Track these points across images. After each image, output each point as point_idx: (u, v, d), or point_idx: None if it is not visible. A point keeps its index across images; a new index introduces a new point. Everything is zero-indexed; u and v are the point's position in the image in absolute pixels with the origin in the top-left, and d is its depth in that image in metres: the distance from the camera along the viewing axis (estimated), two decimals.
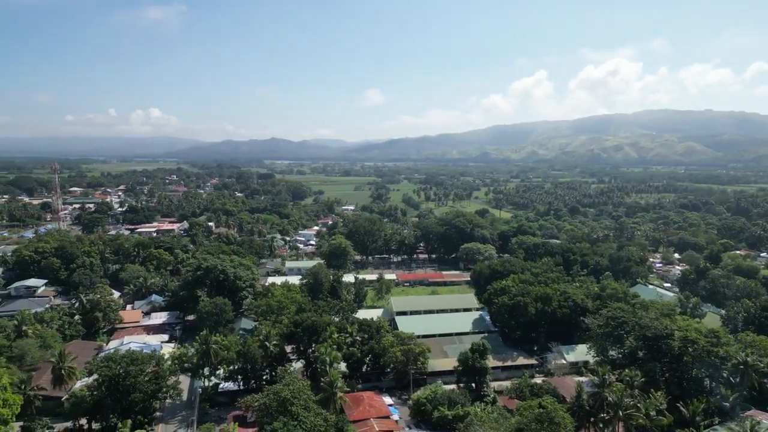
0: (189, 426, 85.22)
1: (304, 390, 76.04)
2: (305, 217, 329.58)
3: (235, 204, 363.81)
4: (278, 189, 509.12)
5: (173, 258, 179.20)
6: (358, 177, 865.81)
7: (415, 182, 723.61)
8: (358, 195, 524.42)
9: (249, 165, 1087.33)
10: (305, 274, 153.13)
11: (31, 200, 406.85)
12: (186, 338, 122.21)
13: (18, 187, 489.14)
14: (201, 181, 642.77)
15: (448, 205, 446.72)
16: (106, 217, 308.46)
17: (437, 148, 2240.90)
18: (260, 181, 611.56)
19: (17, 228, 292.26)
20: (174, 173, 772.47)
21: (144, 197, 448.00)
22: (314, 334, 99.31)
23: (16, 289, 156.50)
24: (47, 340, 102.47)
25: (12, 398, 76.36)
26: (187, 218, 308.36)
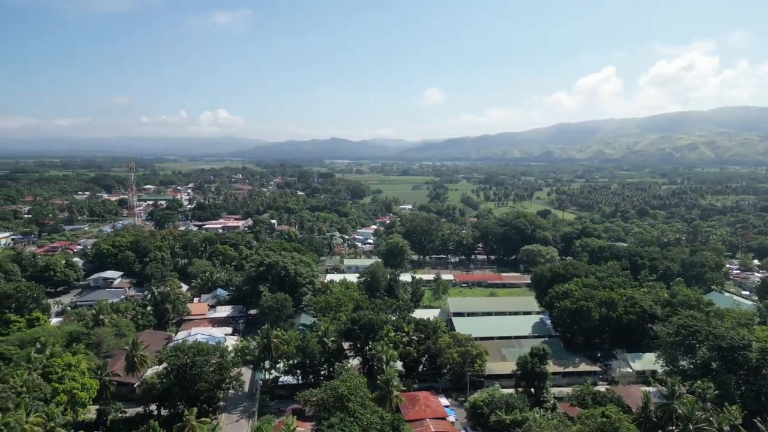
0: (250, 417, 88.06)
1: (361, 387, 76.77)
2: (363, 216, 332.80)
3: (297, 202, 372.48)
4: (338, 188, 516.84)
5: (237, 254, 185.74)
6: (416, 176, 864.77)
7: (474, 182, 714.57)
8: (416, 194, 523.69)
9: (310, 164, 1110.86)
10: (363, 273, 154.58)
11: (110, 197, 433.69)
12: (248, 331, 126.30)
13: (98, 184, 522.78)
14: (264, 180, 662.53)
15: (508, 206, 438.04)
16: (176, 213, 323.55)
17: (498, 147, 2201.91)
18: (320, 180, 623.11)
19: (97, 223, 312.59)
20: (239, 172, 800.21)
21: (211, 195, 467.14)
22: (371, 332, 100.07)
23: (95, 280, 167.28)
24: (122, 329, 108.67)
25: (89, 383, 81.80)
26: (251, 215, 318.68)
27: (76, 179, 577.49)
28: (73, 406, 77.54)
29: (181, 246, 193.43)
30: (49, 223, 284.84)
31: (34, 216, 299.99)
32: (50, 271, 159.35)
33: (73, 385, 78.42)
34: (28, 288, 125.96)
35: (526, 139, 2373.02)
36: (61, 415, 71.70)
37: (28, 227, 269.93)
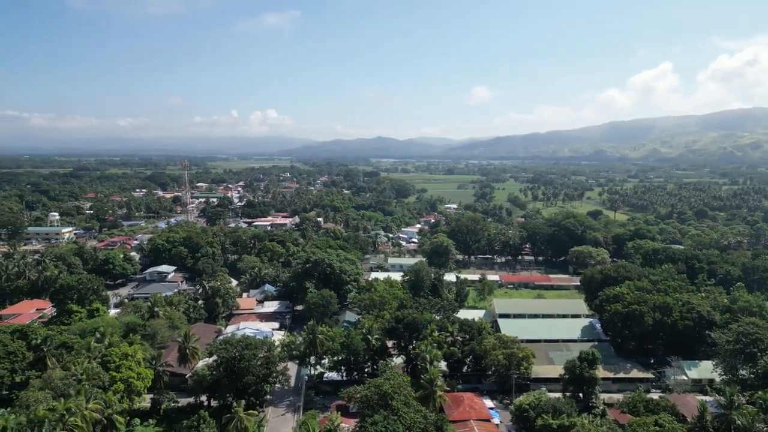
0: (296, 411, 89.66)
1: (405, 386, 76.81)
2: (408, 215, 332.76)
3: (342, 201, 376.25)
4: (383, 187, 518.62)
5: (285, 250, 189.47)
6: (462, 175, 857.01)
7: (521, 181, 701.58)
8: (462, 193, 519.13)
9: (356, 163, 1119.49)
10: (407, 271, 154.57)
11: (165, 194, 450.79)
12: (294, 327, 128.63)
13: (154, 182, 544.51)
14: (311, 179, 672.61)
15: (557, 206, 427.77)
16: (227, 210, 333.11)
17: (547, 145, 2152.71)
18: (366, 179, 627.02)
19: (152, 219, 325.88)
20: (287, 171, 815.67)
21: (260, 193, 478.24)
22: (415, 331, 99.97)
23: (150, 273, 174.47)
24: (175, 322, 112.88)
25: (145, 372, 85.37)
26: (298, 213, 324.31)
27: (134, 177, 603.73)
28: (129, 394, 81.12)
29: (231, 242, 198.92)
30: (109, 218, 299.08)
31: (95, 212, 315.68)
32: (109, 265, 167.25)
33: (130, 374, 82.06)
34: (89, 280, 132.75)
35: (577, 137, 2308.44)
36: (118, 403, 75.20)
37: (90, 222, 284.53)
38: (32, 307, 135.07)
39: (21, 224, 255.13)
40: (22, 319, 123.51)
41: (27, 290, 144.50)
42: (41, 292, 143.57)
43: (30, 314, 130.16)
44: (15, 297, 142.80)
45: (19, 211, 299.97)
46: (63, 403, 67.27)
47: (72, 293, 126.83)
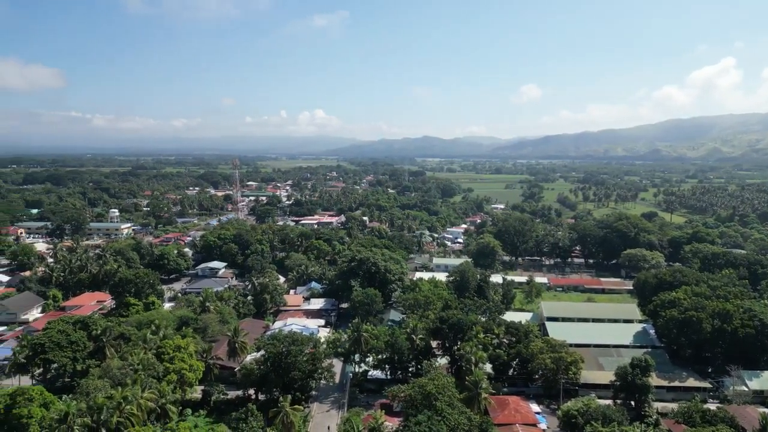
0: (340, 408, 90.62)
1: (449, 387, 76.35)
2: (453, 215, 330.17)
3: (388, 200, 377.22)
4: (428, 186, 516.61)
5: (331, 249, 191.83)
6: (510, 175, 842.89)
7: (571, 181, 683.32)
8: (509, 193, 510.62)
9: (401, 162, 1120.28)
10: (452, 272, 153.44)
11: (216, 192, 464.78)
12: (340, 324, 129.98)
13: (206, 180, 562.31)
14: (357, 178, 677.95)
15: (609, 207, 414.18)
16: (275, 209, 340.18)
17: (599, 144, 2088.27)
18: (411, 178, 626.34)
19: (205, 216, 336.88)
20: (334, 170, 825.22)
21: (307, 192, 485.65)
22: (460, 332, 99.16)
23: (202, 269, 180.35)
24: (225, 316, 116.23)
25: (196, 364, 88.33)
26: (344, 212, 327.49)
27: (187, 176, 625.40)
28: (181, 385, 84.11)
29: (279, 240, 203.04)
30: (164, 215, 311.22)
31: (152, 209, 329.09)
32: (164, 260, 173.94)
33: (182, 365, 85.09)
34: (145, 274, 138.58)
35: (631, 136, 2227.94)
36: (171, 393, 78.14)
37: (147, 219, 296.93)
38: (93, 299, 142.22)
39: (84, 220, 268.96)
40: (84, 310, 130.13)
41: (88, 283, 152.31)
42: (101, 285, 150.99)
43: (91, 306, 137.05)
44: (77, 289, 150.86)
45: (82, 208, 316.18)
46: (120, 392, 70.46)
47: (130, 287, 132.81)
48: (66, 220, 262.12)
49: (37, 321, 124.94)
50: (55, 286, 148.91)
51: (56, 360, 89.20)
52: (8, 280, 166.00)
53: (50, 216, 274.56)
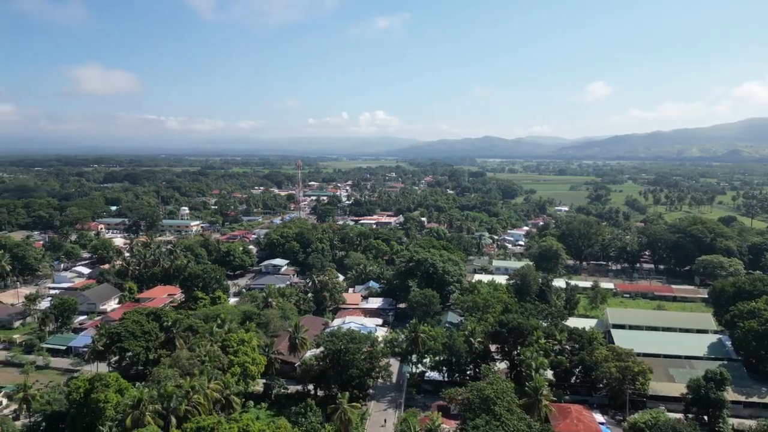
0: (397, 408, 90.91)
1: (508, 392, 74.89)
2: (515, 216, 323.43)
3: (447, 201, 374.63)
4: (488, 187, 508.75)
5: (389, 249, 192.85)
6: (575, 176, 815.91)
7: (641, 183, 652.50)
8: (574, 195, 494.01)
9: (461, 163, 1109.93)
10: (512, 275, 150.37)
11: (280, 192, 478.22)
12: (397, 324, 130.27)
13: (271, 180, 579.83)
14: (416, 178, 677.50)
15: (683, 210, 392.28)
16: (335, 208, 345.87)
17: (671, 145, 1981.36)
18: (471, 179, 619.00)
19: (269, 215, 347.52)
20: (393, 170, 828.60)
21: (367, 192, 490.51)
22: (520, 337, 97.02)
23: (266, 266, 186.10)
24: (286, 312, 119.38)
25: (259, 358, 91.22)
26: (402, 212, 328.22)
27: (253, 176, 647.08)
28: (244, 377, 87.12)
29: (339, 239, 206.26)
30: (231, 214, 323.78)
31: (219, 207, 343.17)
32: (230, 257, 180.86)
33: (246, 359, 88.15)
34: (213, 270, 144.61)
35: (707, 136, 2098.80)
36: (235, 385, 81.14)
37: (214, 217, 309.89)
38: (165, 293, 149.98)
39: (157, 217, 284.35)
40: (156, 302, 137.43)
41: (160, 277, 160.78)
42: (172, 278, 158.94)
43: (162, 299, 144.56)
44: (151, 282, 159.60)
45: (155, 205, 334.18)
46: (188, 381, 73.90)
47: (198, 281, 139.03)
48: (141, 216, 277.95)
49: (114, 311, 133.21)
50: (130, 279, 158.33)
51: (131, 349, 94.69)
52: (89, 272, 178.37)
53: (127, 213, 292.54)
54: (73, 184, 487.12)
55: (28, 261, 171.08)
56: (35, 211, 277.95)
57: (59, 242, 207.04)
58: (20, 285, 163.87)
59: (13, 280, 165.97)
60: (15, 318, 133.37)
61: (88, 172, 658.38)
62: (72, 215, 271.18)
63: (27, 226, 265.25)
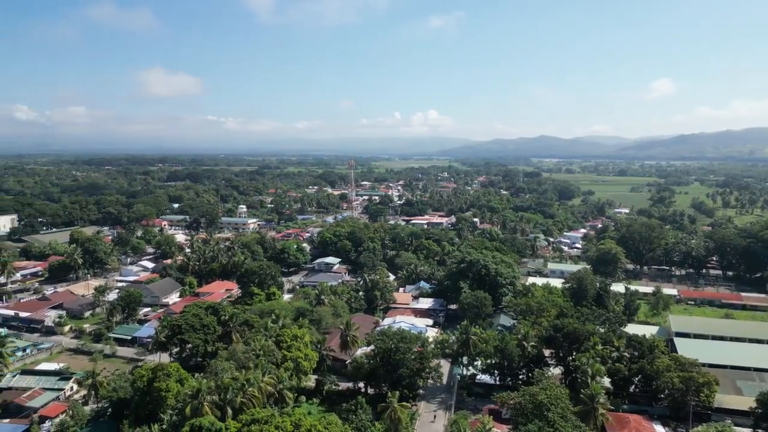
0: (447, 409, 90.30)
1: (562, 398, 72.92)
2: (571, 218, 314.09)
3: (500, 201, 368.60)
4: (544, 188, 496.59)
5: (440, 249, 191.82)
6: (636, 177, 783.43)
7: (709, 185, 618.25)
8: (635, 197, 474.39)
9: (516, 163, 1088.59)
10: (568, 278, 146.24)
11: (333, 191, 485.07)
12: (447, 325, 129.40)
13: (324, 180, 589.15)
14: (469, 179, 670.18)
15: (754, 214, 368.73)
16: (387, 208, 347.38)
17: (743, 144, 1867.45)
18: (526, 180, 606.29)
19: (322, 214, 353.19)
20: (445, 170, 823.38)
21: (418, 192, 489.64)
22: (575, 342, 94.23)
23: (318, 264, 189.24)
24: (338, 310, 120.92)
25: (311, 354, 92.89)
26: (454, 213, 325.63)
27: (307, 175, 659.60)
28: (297, 373, 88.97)
29: (391, 238, 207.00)
30: (286, 212, 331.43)
31: (275, 206, 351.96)
32: (285, 254, 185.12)
33: (298, 354, 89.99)
34: (268, 267, 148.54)
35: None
36: (288, 380, 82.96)
37: (270, 215, 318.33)
38: (222, 288, 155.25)
39: (216, 215, 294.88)
40: (214, 297, 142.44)
41: (219, 272, 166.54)
42: (230, 274, 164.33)
43: (220, 293, 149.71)
44: (209, 277, 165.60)
45: (215, 203, 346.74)
46: (244, 374, 76.22)
47: (254, 277, 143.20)
48: (202, 214, 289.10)
49: (176, 304, 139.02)
50: (191, 274, 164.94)
51: (190, 341, 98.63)
52: (153, 267, 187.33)
53: (188, 210, 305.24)
54: (139, 182, 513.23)
55: (98, 255, 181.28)
56: (105, 207, 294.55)
57: (126, 237, 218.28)
58: (90, 277, 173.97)
59: (84, 272, 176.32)
60: (86, 308, 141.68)
61: (153, 171, 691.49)
62: (138, 212, 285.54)
63: (97, 221, 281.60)
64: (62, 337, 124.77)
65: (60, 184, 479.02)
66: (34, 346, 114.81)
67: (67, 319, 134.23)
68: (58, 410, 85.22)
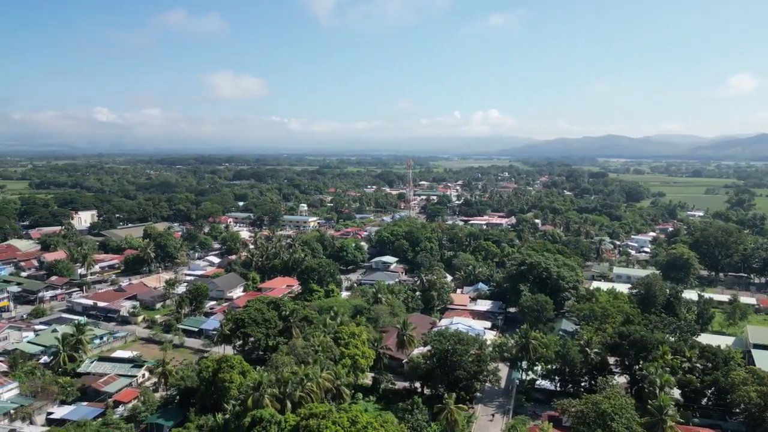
0: (505, 414, 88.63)
1: (628, 408, 69.88)
2: (639, 221, 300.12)
3: (563, 202, 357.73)
4: (610, 189, 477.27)
5: (500, 251, 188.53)
6: (711, 178, 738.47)
7: None
8: (710, 199, 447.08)
9: (580, 163, 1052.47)
10: (636, 283, 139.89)
11: (391, 191, 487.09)
12: (506, 329, 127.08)
13: (382, 179, 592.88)
14: (530, 179, 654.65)
15: None
16: (445, 208, 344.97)
17: None
18: (591, 180, 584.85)
19: (380, 213, 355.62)
20: (506, 170, 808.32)
21: (478, 192, 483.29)
22: (642, 350, 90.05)
23: (376, 263, 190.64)
24: (395, 309, 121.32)
25: (368, 352, 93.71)
26: (514, 214, 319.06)
27: (366, 175, 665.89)
28: (354, 370, 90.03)
29: (448, 239, 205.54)
30: (345, 211, 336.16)
31: (335, 205, 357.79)
32: (343, 252, 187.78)
33: (356, 351, 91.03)
34: (327, 264, 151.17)
35: None
36: (345, 376, 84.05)
37: (330, 214, 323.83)
38: (283, 283, 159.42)
39: (279, 213, 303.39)
40: (276, 292, 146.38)
41: (280, 268, 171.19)
42: (291, 271, 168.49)
43: (281, 289, 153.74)
44: (271, 273, 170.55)
45: (277, 202, 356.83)
46: (303, 369, 77.92)
47: (314, 274, 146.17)
48: (265, 212, 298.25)
49: (239, 299, 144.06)
50: (254, 270, 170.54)
51: (253, 334, 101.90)
52: (219, 262, 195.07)
53: (253, 208, 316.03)
54: (207, 181, 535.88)
55: (169, 249, 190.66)
56: (175, 204, 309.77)
57: (194, 233, 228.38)
58: (162, 271, 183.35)
59: (156, 266, 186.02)
60: (157, 300, 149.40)
61: (220, 170, 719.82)
62: (206, 209, 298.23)
63: (168, 218, 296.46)
64: (135, 326, 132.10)
65: (135, 182, 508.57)
66: (110, 335, 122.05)
67: (140, 309, 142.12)
68: (130, 396, 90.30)
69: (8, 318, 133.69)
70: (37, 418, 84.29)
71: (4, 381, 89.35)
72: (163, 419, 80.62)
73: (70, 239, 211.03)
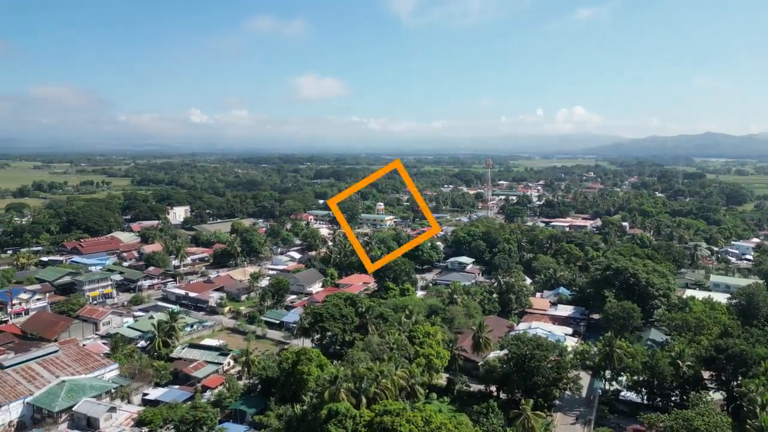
0: (586, 424, 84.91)
1: (723, 427, 64.84)
2: (741, 226, 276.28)
3: (654, 205, 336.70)
4: (708, 191, 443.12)
5: (583, 254, 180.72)
6: None
7: None
8: None
9: (674, 163, 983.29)
10: (736, 293, 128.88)
11: (468, 190, 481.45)
12: (589, 336, 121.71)
13: (460, 178, 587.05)
14: (618, 179, 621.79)
15: None
16: (525, 209, 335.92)
17: None
18: (686, 181, 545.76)
19: (456, 213, 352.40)
20: (591, 170, 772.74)
21: (560, 193, 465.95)
22: (742, 366, 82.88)
23: (451, 263, 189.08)
24: (471, 310, 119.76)
25: (443, 352, 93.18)
26: (600, 216, 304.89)
27: (443, 174, 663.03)
28: (428, 369, 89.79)
29: (528, 240, 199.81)
30: (420, 210, 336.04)
31: (411, 204, 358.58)
32: (419, 251, 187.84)
33: (430, 351, 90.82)
34: (402, 263, 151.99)
35: None
36: (419, 375, 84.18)
37: (406, 213, 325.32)
38: (360, 280, 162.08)
39: (356, 211, 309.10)
40: (353, 289, 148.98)
41: (357, 265, 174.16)
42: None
43: (358, 286, 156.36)
44: (349, 270, 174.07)
45: (355, 200, 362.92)
46: (378, 366, 78.84)
47: (389, 273, 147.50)
48: (343, 210, 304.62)
49: (318, 294, 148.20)
50: (332, 266, 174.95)
51: (330, 329, 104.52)
52: (299, 258, 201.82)
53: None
54: (290, 179, 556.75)
55: (254, 244, 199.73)
56: (260, 202, 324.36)
57: (277, 230, 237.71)
58: (247, 264, 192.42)
59: (242, 260, 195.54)
60: (242, 292, 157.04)
61: (302, 168, 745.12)
62: (288, 207, 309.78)
63: (254, 214, 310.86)
64: (222, 317, 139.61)
65: (224, 180, 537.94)
66: (200, 323, 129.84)
67: (227, 301, 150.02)
68: (217, 382, 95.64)
69: (111, 304, 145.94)
70: (134, 398, 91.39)
71: (107, 362, 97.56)
72: (246, 406, 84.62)
73: (165, 233, 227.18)
